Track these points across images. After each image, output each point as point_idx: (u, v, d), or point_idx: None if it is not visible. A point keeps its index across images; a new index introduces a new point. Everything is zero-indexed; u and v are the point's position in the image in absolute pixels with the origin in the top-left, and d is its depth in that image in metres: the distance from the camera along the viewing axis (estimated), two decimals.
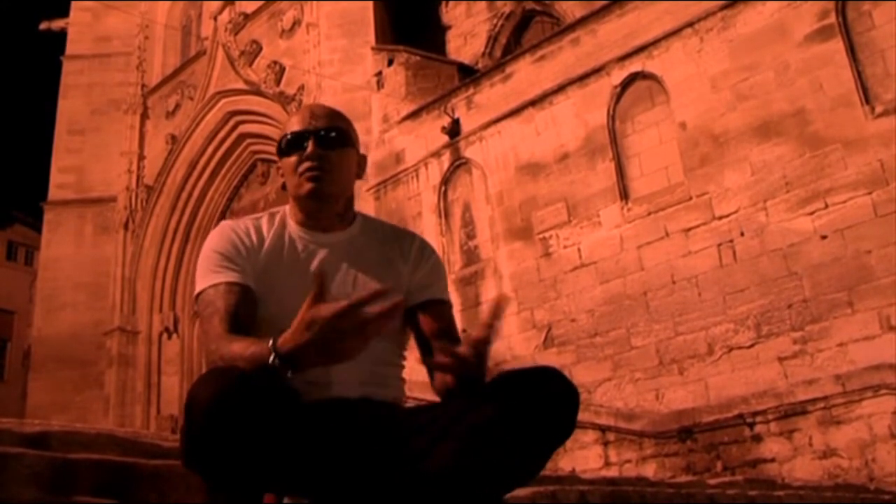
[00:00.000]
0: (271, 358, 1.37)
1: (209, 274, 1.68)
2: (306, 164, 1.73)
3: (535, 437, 1.44)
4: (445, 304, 1.84)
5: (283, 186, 1.82)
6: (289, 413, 1.33)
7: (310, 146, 1.74)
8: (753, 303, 8.28)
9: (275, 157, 1.88)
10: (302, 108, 1.88)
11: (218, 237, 1.75)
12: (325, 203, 1.78)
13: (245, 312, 1.63)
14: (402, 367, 1.82)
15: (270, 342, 1.39)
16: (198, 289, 1.69)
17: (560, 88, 10.56)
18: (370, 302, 1.34)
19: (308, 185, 1.73)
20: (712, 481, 5.61)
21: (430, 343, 1.76)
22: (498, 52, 14.49)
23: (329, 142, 1.75)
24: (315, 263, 1.75)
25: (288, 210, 1.84)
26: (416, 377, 1.88)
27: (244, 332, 1.57)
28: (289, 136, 1.77)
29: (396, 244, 1.86)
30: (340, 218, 1.82)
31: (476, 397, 1.48)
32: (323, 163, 1.73)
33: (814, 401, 7.32)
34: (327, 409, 1.52)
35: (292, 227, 1.80)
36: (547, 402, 1.45)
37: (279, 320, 1.64)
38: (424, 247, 1.89)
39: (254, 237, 1.76)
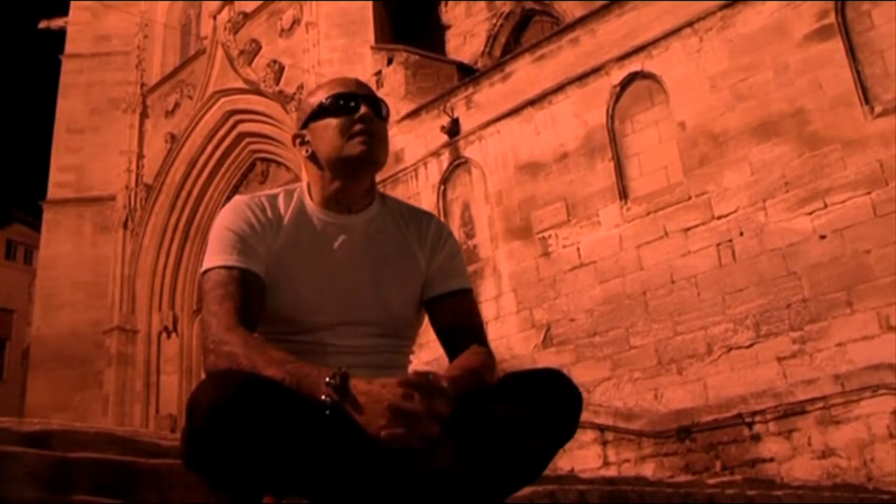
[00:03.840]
0: (325, 398, 1.34)
1: (223, 253, 1.60)
2: (361, 126, 1.65)
3: (538, 439, 1.43)
4: (467, 293, 1.77)
5: (312, 155, 1.70)
6: (291, 416, 1.32)
7: (363, 108, 1.66)
8: (752, 302, 8.28)
9: (273, 156, 1.84)
10: (338, 77, 1.80)
11: (233, 214, 1.66)
12: (367, 170, 1.70)
13: (257, 304, 1.58)
14: (409, 363, 1.76)
15: (328, 380, 1.35)
16: (208, 265, 1.60)
17: (559, 88, 10.56)
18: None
19: (360, 147, 1.64)
20: (711, 481, 5.61)
21: (453, 336, 1.70)
22: (497, 52, 14.49)
23: (378, 111, 1.70)
24: (334, 249, 1.68)
25: (305, 188, 1.75)
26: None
27: (253, 324, 1.55)
28: (337, 96, 1.68)
29: (413, 226, 1.78)
30: (364, 194, 1.74)
31: (479, 399, 1.47)
32: (375, 128, 1.67)
33: (812, 401, 7.33)
34: (328, 410, 1.52)
35: (311, 207, 1.71)
36: (550, 404, 1.44)
37: (291, 310, 1.63)
38: (441, 229, 1.81)
39: (270, 215, 1.67)
